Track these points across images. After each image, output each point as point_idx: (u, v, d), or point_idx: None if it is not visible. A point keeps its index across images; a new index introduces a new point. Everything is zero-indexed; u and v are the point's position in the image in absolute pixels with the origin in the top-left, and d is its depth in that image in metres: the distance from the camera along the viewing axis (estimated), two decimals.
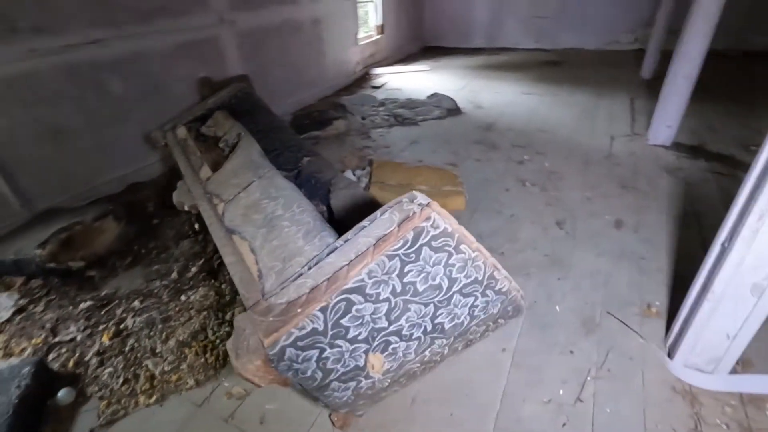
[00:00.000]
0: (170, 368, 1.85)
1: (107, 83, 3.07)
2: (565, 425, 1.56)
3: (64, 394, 1.72)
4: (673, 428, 1.53)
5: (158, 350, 1.94)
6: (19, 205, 2.72)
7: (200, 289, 2.28)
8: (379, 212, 1.18)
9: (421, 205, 1.13)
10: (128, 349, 1.97)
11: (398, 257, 1.11)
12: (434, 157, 3.72)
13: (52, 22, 2.71)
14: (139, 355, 1.93)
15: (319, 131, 4.26)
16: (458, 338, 1.40)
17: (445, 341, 1.36)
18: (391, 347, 1.24)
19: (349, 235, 1.18)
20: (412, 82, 6.18)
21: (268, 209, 1.54)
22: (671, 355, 1.74)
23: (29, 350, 1.97)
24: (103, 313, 2.18)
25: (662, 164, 3.41)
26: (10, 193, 2.67)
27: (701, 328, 1.56)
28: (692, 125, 4.04)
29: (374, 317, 1.16)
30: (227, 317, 2.08)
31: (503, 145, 3.94)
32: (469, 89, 5.72)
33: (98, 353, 1.95)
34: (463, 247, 1.18)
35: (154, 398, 1.74)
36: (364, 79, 6.41)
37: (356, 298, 1.11)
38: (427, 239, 1.12)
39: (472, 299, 1.30)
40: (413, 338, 1.27)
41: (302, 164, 2.36)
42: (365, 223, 1.18)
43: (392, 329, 1.21)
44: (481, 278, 1.26)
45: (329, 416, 1.60)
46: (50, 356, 1.94)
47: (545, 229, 2.67)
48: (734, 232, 1.37)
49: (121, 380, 1.81)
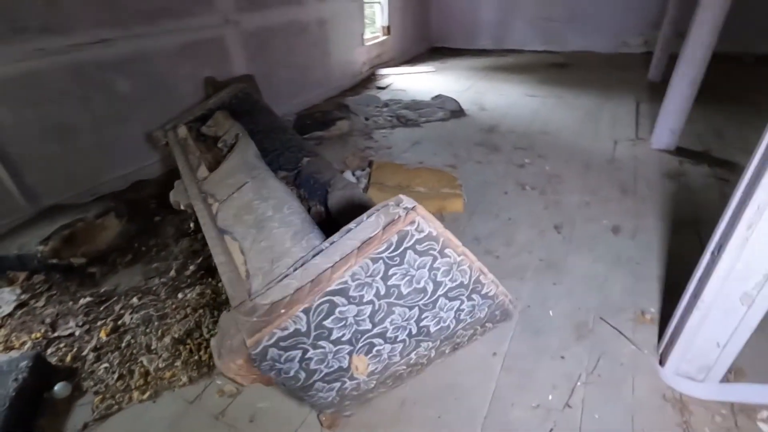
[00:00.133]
0: (164, 365, 1.88)
1: (113, 83, 3.12)
2: (552, 430, 1.56)
3: (60, 388, 1.76)
4: None
5: (153, 347, 1.97)
6: (24, 201, 2.78)
7: (197, 287, 2.31)
8: (365, 215, 1.18)
9: (406, 208, 1.13)
10: (124, 345, 2.00)
11: (382, 260, 1.12)
12: (435, 158, 3.72)
13: (59, 22, 2.76)
14: (134, 351, 1.96)
15: (322, 132, 4.29)
16: (445, 342, 1.40)
17: (431, 344, 1.37)
18: (375, 349, 1.25)
19: (335, 237, 1.19)
20: (417, 83, 6.18)
21: (259, 210, 1.56)
22: (662, 362, 1.73)
23: (29, 344, 2.02)
24: (101, 309, 2.22)
25: (664, 169, 3.38)
26: (15, 189, 2.72)
27: (692, 336, 1.55)
28: (699, 130, 3.99)
29: (358, 319, 1.17)
30: None
31: (505, 147, 3.93)
32: (474, 90, 5.71)
33: (95, 349, 1.98)
34: (448, 251, 1.19)
35: (147, 394, 1.77)
36: (369, 79, 6.43)
37: (339, 300, 1.12)
38: (411, 243, 1.13)
39: (458, 303, 1.30)
40: (398, 341, 1.28)
41: (302, 164, 2.38)
42: (351, 225, 1.18)
43: (376, 331, 1.22)
44: (466, 282, 1.27)
45: (317, 416, 1.62)
46: (49, 350, 1.98)
47: (542, 232, 2.67)
48: (724, 240, 1.36)
49: (116, 376, 1.84)
